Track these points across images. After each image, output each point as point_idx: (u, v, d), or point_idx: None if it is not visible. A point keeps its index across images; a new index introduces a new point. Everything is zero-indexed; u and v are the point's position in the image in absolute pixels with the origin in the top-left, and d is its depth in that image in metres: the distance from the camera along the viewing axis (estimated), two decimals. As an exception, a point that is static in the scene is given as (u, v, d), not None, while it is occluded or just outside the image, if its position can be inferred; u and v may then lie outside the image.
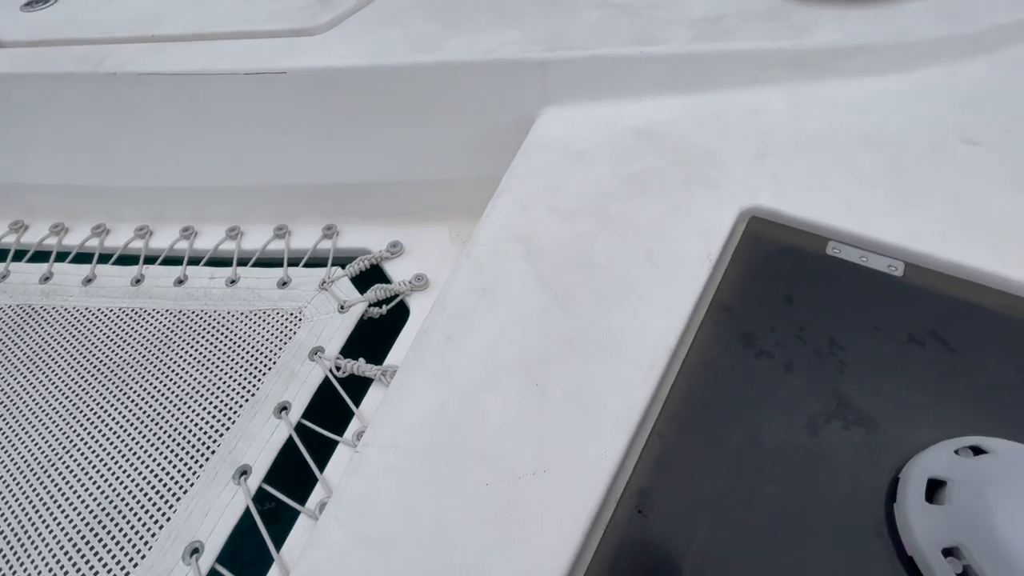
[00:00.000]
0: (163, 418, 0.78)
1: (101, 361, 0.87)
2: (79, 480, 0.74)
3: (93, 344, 0.89)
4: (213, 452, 0.73)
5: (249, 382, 0.81)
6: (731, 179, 0.69)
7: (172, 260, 1.01)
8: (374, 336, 0.85)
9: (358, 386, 0.78)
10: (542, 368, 0.54)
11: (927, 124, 0.72)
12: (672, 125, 0.78)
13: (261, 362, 0.83)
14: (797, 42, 0.79)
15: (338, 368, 0.78)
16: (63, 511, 0.72)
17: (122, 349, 0.88)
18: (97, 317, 0.93)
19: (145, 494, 0.71)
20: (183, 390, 0.81)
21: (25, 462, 0.77)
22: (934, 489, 0.41)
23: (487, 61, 0.83)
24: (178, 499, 0.70)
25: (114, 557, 0.67)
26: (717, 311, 0.57)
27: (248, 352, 0.84)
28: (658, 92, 0.82)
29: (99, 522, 0.70)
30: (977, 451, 0.42)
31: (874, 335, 0.53)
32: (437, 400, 0.54)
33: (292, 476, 0.69)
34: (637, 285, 0.59)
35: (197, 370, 0.83)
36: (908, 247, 0.58)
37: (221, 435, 0.75)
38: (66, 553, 0.68)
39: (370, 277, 0.93)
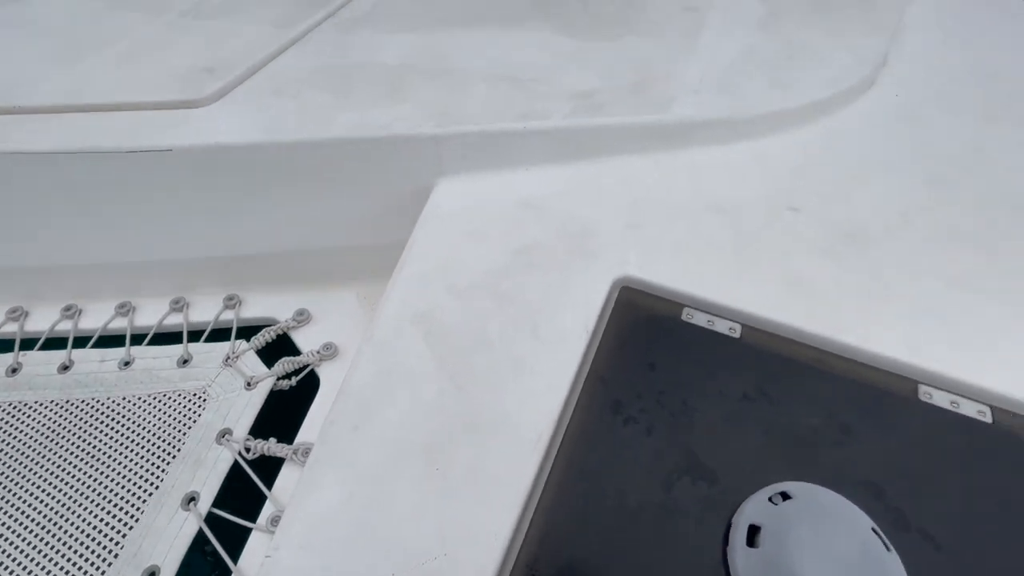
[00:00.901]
0: (55, 524, 0.75)
1: (-26, 467, 0.80)
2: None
3: (-37, 448, 0.82)
4: (116, 555, 0.71)
5: (152, 473, 0.79)
6: (606, 250, 0.78)
7: (53, 343, 0.95)
8: (285, 410, 0.86)
9: (271, 465, 0.79)
10: (442, 451, 0.59)
11: (763, 191, 0.86)
12: (555, 196, 0.86)
13: (164, 450, 0.81)
14: (659, 116, 0.91)
15: (248, 450, 0.79)
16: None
17: None
18: (-34, 416, 0.86)
19: (40, 612, 0.68)
20: (77, 490, 0.77)
21: None
22: (754, 534, 0.51)
23: (381, 137, 0.86)
24: (79, 612, 0.67)
25: None
26: (593, 381, 0.65)
27: (149, 440, 0.82)
28: (542, 162, 0.91)
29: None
30: (785, 496, 0.53)
31: (717, 394, 0.63)
32: (345, 492, 0.57)
33: (204, 572, 0.69)
34: (526, 362, 0.66)
35: (92, 466, 0.80)
36: (744, 310, 0.70)
37: (124, 535, 0.73)
38: None
39: (277, 348, 0.93)
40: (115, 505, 0.76)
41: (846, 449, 0.59)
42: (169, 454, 0.80)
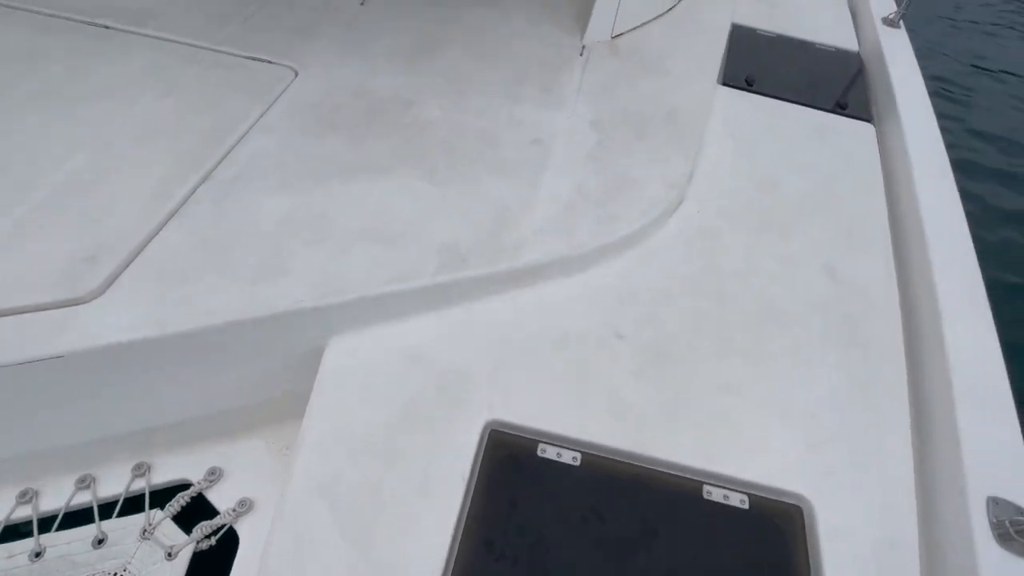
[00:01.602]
0: None
1: None
2: None
3: None
4: None
5: (83, 665, 0.85)
6: (476, 396, 0.96)
7: None
8: (207, 572, 0.95)
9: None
10: None
11: (595, 321, 1.08)
12: (432, 345, 1.03)
13: (92, 639, 0.87)
14: (511, 263, 1.10)
15: (177, 623, 0.87)
16: None
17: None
18: None
19: None
20: None
21: None
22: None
23: (269, 316, 0.98)
24: None
25: None
26: (471, 524, 0.83)
27: (74, 632, 0.87)
28: (419, 313, 1.07)
29: None
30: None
31: (563, 521, 0.84)
32: None
33: None
34: (418, 517, 0.82)
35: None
36: (582, 439, 0.91)
37: None
38: None
39: (193, 510, 1.01)
40: None
41: (654, 551, 0.81)
42: (98, 642, 0.87)
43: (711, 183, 1.38)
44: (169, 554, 0.95)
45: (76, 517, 1.00)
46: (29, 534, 0.96)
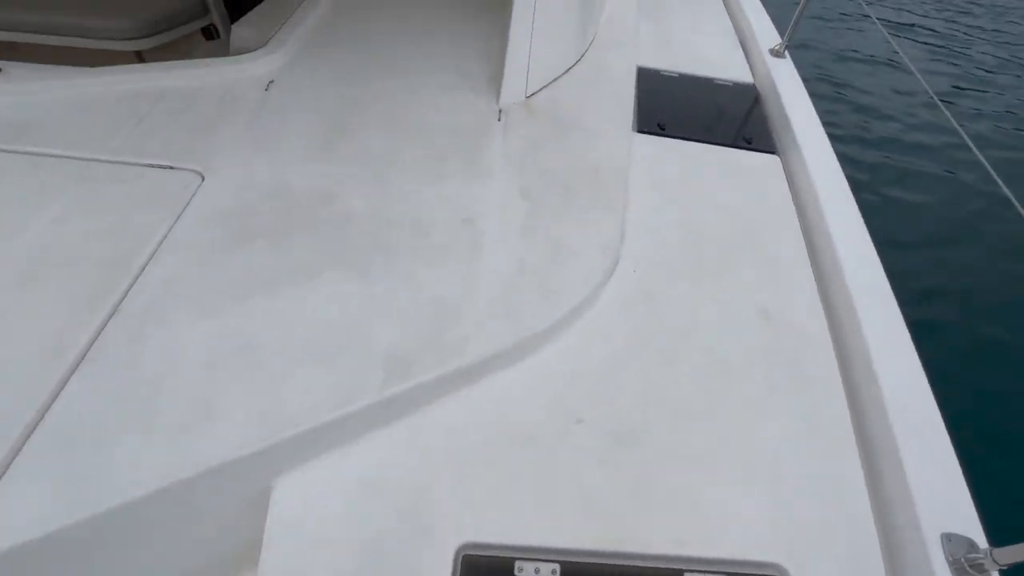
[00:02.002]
0: None
1: None
2: None
3: None
4: None
5: None
6: (442, 518, 0.91)
7: None
8: None
9: None
10: None
11: (552, 407, 1.07)
12: (388, 467, 0.97)
13: None
14: (459, 361, 1.07)
15: None
16: None
17: None
18: None
19: None
20: None
21: None
22: None
23: (204, 472, 0.89)
24: None
25: None
26: None
27: None
28: (369, 431, 1.01)
29: None
30: None
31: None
32: None
33: None
34: None
35: None
36: (557, 547, 0.88)
37: None
38: None
39: None
40: None
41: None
42: None
43: (641, 238, 1.41)
44: None
45: None
46: None
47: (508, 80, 1.72)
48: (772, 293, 1.31)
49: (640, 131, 1.79)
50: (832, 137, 1.80)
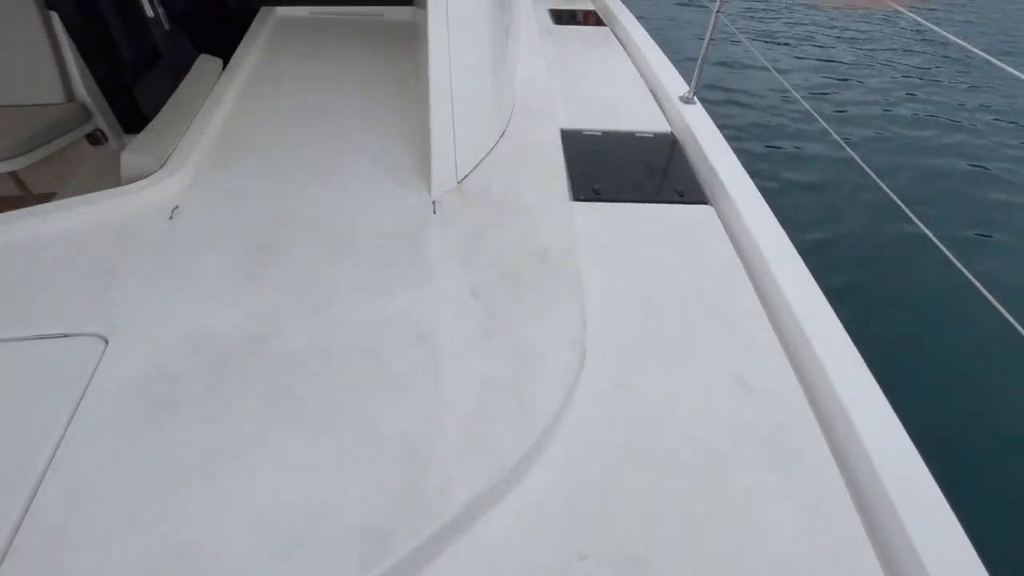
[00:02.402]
0: None
1: None
2: None
3: None
4: None
5: None
6: None
7: None
8: None
9: None
10: None
11: (552, 546, 0.97)
12: None
13: None
14: (440, 518, 0.95)
15: None
16: None
17: None
18: None
19: None
20: None
21: None
22: None
23: None
24: None
25: None
26: None
27: None
28: None
29: None
30: None
31: None
32: None
33: None
34: None
35: None
36: None
37: None
38: None
39: None
40: None
41: None
42: None
43: (602, 320, 1.37)
44: None
45: None
46: None
47: (437, 169, 1.66)
48: (741, 358, 1.30)
49: (577, 199, 1.78)
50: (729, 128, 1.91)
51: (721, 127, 2.13)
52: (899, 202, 1.57)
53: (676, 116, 2.21)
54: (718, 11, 2.04)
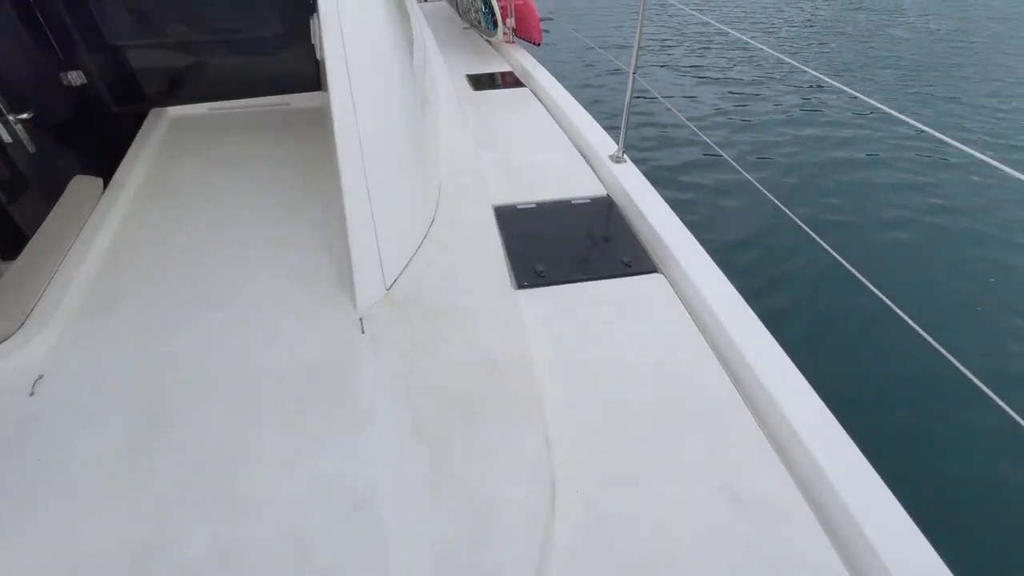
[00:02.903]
0: None
1: None
2: None
3: None
4: None
5: None
6: None
7: None
8: None
9: None
10: None
11: None
12: None
13: None
14: None
15: None
16: None
17: None
18: None
19: None
20: None
21: None
22: None
23: None
24: None
25: None
26: None
27: None
28: None
29: None
30: None
31: None
32: None
33: None
34: None
35: None
36: None
37: None
38: None
39: None
40: None
41: None
42: None
43: (567, 440, 1.20)
44: None
45: None
46: None
47: (361, 279, 1.47)
48: (727, 463, 1.15)
49: (521, 286, 1.64)
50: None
51: (654, 183, 2.08)
52: (830, 250, 1.51)
53: (609, 177, 2.15)
54: (634, 72, 2.01)
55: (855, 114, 6.26)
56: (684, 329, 1.49)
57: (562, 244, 1.81)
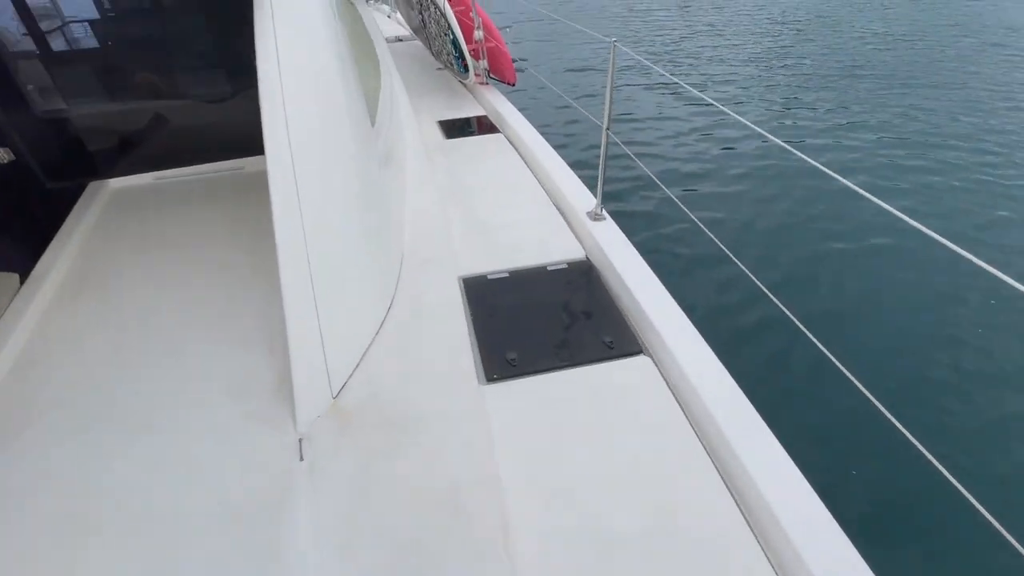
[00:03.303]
0: None
1: None
2: None
3: None
4: None
5: None
6: None
7: None
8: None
9: None
10: None
11: None
12: None
13: None
14: None
15: None
16: None
17: None
18: None
19: None
20: None
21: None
22: None
23: None
24: None
25: None
26: None
27: None
28: None
29: None
30: None
31: None
32: None
33: None
34: None
35: None
36: None
37: None
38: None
39: None
40: None
41: None
42: None
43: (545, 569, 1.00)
44: None
45: None
46: None
47: (302, 391, 1.27)
48: None
49: (490, 379, 1.45)
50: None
51: (635, 243, 1.92)
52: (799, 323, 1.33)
53: (587, 236, 1.98)
54: (607, 128, 1.87)
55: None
56: (676, 428, 1.30)
57: (536, 323, 1.63)
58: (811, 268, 3.93)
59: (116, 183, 2.21)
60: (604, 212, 2.05)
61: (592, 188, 2.13)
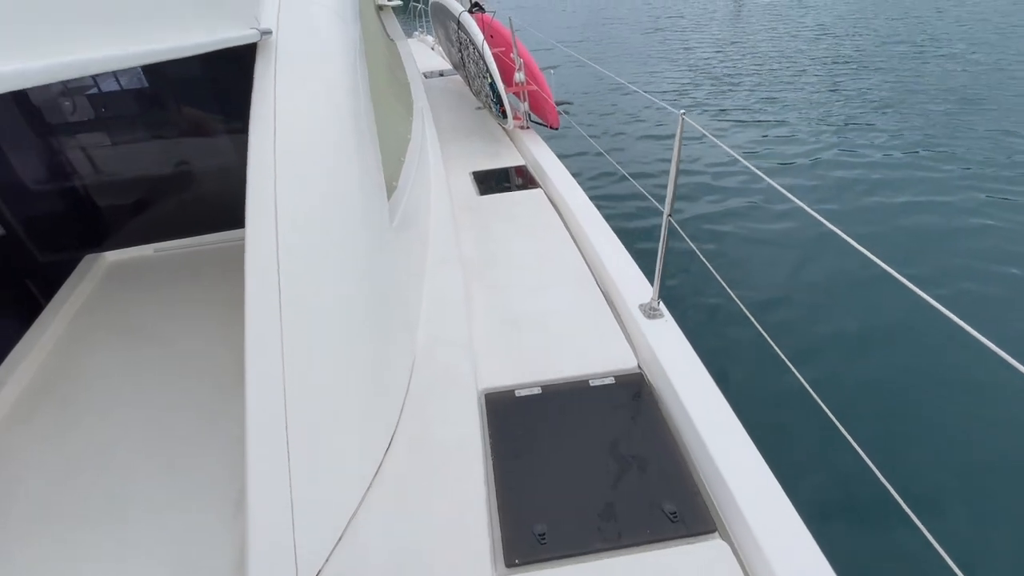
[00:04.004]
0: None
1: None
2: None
3: None
4: None
5: None
6: None
7: None
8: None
9: None
10: None
11: None
12: None
13: None
14: None
15: None
16: None
17: None
18: None
19: None
20: None
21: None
22: None
23: None
24: None
25: None
26: None
27: None
28: None
29: None
30: None
31: None
32: None
33: None
34: None
35: None
36: None
37: None
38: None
39: None
40: None
41: None
42: None
43: None
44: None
45: None
46: None
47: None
48: None
49: (511, 565, 1.09)
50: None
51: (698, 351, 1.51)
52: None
53: (640, 339, 1.60)
54: (669, 215, 1.50)
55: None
56: None
57: (575, 471, 1.27)
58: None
59: (113, 256, 2.02)
60: (662, 306, 1.67)
61: (648, 275, 1.76)
